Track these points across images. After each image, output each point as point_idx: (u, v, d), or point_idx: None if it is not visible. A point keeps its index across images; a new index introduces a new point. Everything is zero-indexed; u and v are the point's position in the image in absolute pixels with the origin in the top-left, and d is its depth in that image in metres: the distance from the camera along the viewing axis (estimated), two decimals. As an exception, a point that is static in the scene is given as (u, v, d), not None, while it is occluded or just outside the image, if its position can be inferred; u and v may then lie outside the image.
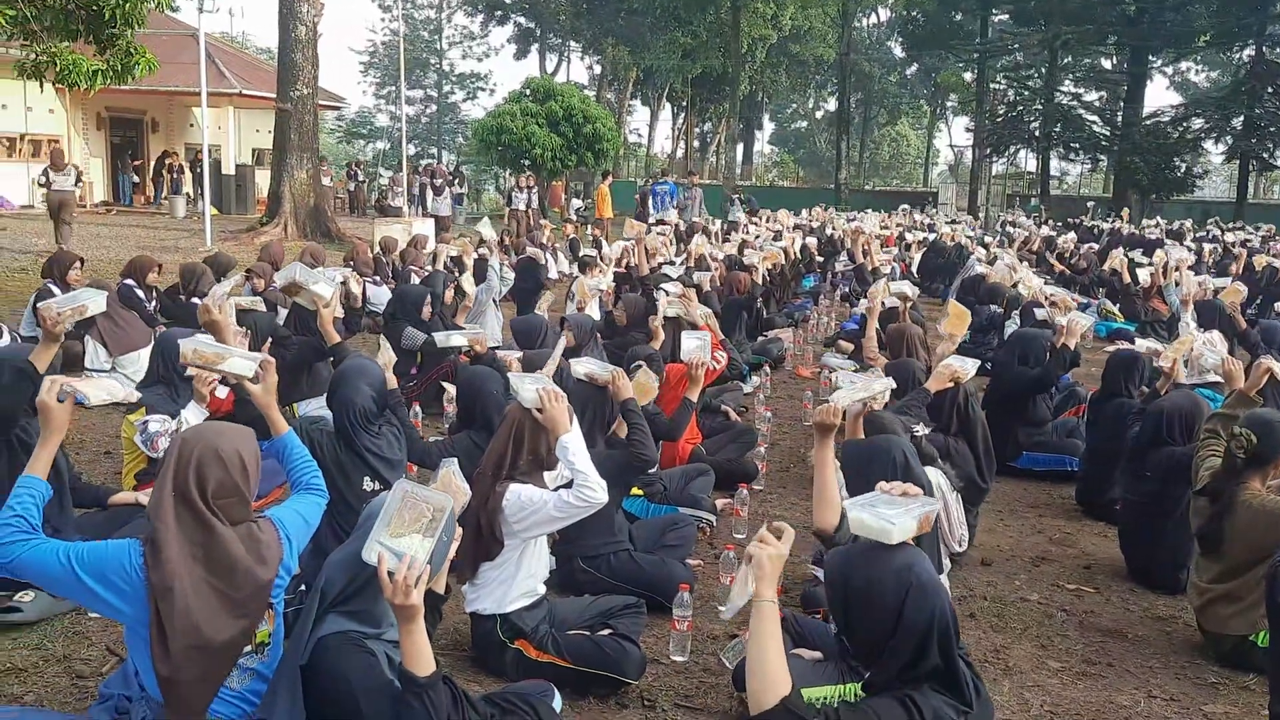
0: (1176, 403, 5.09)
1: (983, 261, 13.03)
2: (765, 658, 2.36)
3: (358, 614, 2.69)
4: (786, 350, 10.04)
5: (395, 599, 2.44)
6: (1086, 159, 37.38)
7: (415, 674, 2.51)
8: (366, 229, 19.12)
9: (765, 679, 2.34)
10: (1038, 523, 5.97)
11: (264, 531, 2.88)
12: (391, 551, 2.46)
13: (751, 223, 17.78)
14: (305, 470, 3.35)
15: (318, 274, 5.91)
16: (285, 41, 18.76)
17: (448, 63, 61.47)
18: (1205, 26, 32.51)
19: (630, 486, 5.08)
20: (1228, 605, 4.14)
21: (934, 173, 60.18)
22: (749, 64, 40.66)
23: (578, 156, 28.91)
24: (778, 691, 2.31)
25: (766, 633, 2.39)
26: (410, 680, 2.51)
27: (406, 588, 2.43)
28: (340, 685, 2.58)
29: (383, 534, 2.50)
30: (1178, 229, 19.60)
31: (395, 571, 2.44)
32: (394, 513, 2.53)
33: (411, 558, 2.45)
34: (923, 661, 2.31)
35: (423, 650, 2.52)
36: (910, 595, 2.29)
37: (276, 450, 3.42)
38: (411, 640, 2.51)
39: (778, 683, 2.33)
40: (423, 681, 2.51)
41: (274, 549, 2.88)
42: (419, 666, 2.51)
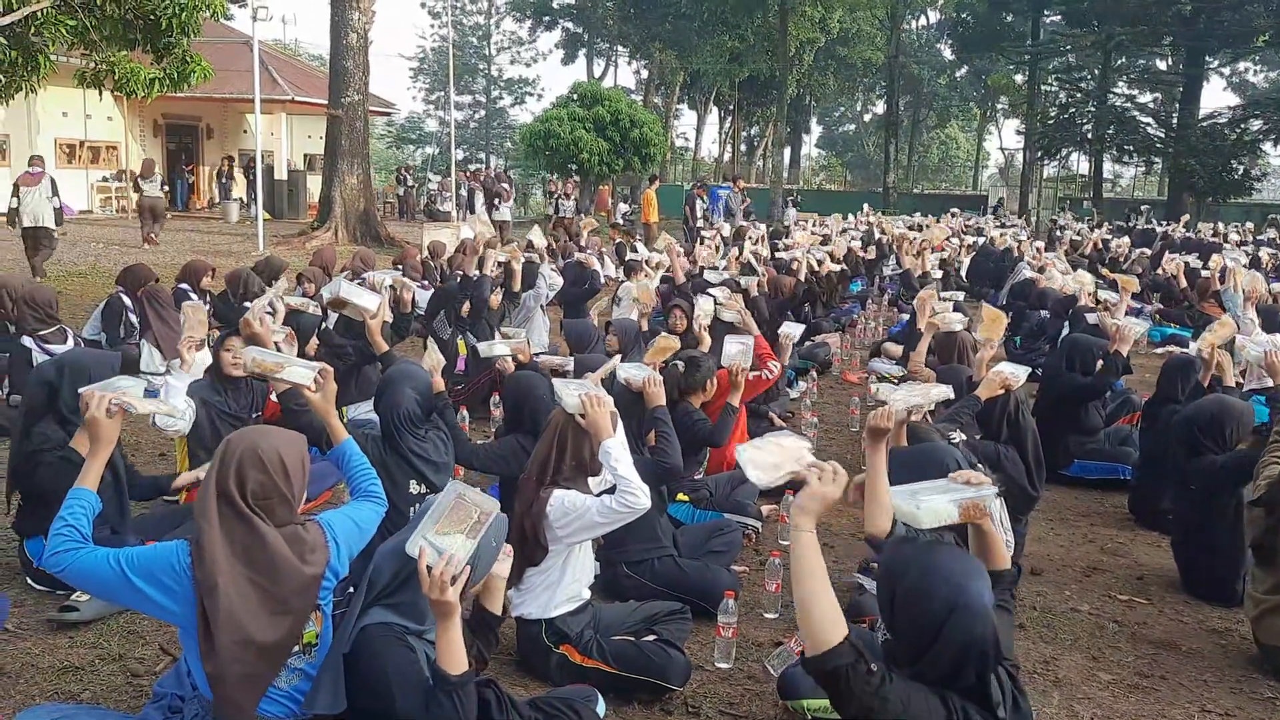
0: (1202, 408, 5.01)
1: (1032, 266, 12.84)
2: (814, 592, 2.23)
3: (402, 607, 2.75)
4: (833, 355, 9.98)
5: (431, 594, 2.51)
6: (1140, 162, 36.73)
7: (448, 672, 2.56)
8: (415, 234, 19.30)
9: (818, 616, 2.21)
10: (1089, 532, 5.88)
11: (309, 533, 2.91)
12: (434, 547, 2.53)
13: (799, 226, 17.68)
14: (364, 478, 3.38)
15: (362, 288, 5.97)
16: (336, 48, 19.02)
17: (496, 68, 61.90)
18: (1264, 26, 31.75)
19: (674, 493, 5.08)
20: (1277, 615, 4.05)
21: (984, 175, 59.50)
22: (796, 67, 40.46)
23: (625, 161, 28.96)
24: (838, 629, 2.18)
25: (807, 568, 2.27)
26: (443, 678, 2.56)
27: (442, 583, 2.49)
28: (378, 676, 2.64)
29: (429, 530, 2.56)
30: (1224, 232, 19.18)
31: (434, 566, 2.50)
32: (445, 512, 2.59)
33: (451, 555, 2.51)
34: (959, 679, 2.27)
35: (457, 649, 2.57)
36: (955, 616, 2.22)
37: (336, 457, 3.46)
38: (447, 638, 2.56)
39: (835, 621, 2.20)
40: (454, 680, 2.56)
41: (320, 551, 2.91)
42: (452, 665, 2.56)
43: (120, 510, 4.38)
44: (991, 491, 2.42)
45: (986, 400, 5.01)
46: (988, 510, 2.47)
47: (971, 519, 2.43)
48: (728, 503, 5.33)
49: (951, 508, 2.37)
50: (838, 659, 2.16)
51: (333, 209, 19.23)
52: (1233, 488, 4.68)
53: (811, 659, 2.21)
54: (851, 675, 2.15)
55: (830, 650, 2.17)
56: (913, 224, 18.85)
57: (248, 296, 7.95)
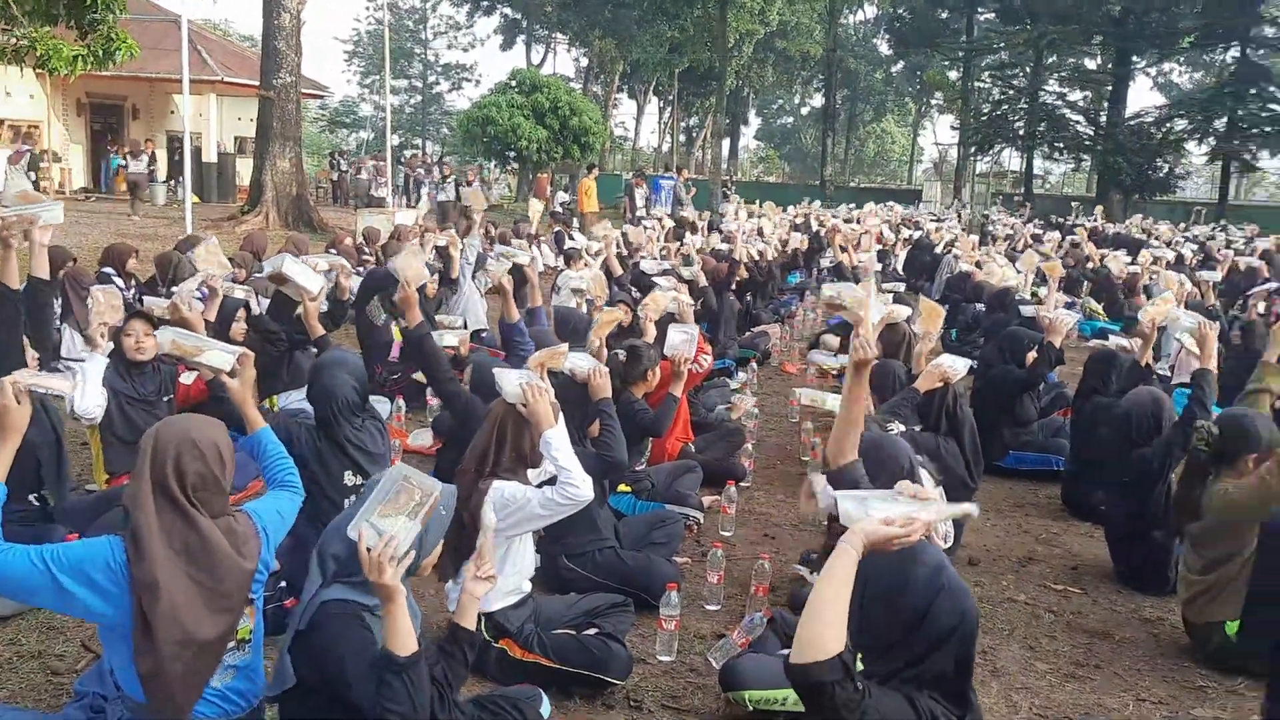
0: (1138, 401, 5.08)
1: (962, 259, 12.98)
2: (835, 598, 2.17)
3: (363, 585, 2.66)
4: (773, 346, 9.99)
5: (370, 575, 2.48)
6: (1070, 158, 37.46)
7: (395, 654, 2.52)
8: (349, 219, 18.97)
9: (827, 623, 2.14)
10: (1024, 522, 5.95)
11: (241, 524, 2.82)
12: (375, 530, 2.51)
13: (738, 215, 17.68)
14: (280, 467, 3.27)
15: (306, 267, 5.81)
16: (269, 29, 18.60)
17: (433, 53, 61.14)
18: (1190, 28, 32.53)
19: (616, 484, 5.02)
20: (1212, 594, 4.14)
21: (918, 170, 60.27)
22: (735, 59, 40.49)
23: (564, 149, 28.78)
24: (838, 643, 2.14)
25: (841, 576, 2.20)
26: (390, 660, 2.52)
27: (380, 565, 2.46)
28: (333, 655, 2.59)
29: (372, 513, 2.54)
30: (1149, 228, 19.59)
31: (372, 548, 2.48)
32: (388, 495, 2.57)
33: (391, 537, 2.49)
34: (930, 663, 2.25)
35: (403, 631, 2.54)
36: (940, 598, 2.23)
37: (250, 446, 3.34)
38: (391, 619, 2.54)
39: (838, 635, 2.15)
40: (402, 661, 2.52)
41: (252, 542, 2.83)
42: (399, 646, 2.53)
43: (59, 475, 4.22)
44: (937, 508, 2.41)
45: (926, 392, 5.03)
46: (933, 531, 2.47)
47: (920, 535, 2.42)
48: (669, 493, 5.30)
49: None
50: (827, 674, 2.12)
51: (264, 193, 18.81)
52: (1163, 475, 4.77)
53: (799, 666, 2.14)
54: (836, 692, 2.12)
55: (822, 662, 2.12)
56: (848, 216, 18.96)
57: (177, 281, 7.71)
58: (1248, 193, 43.51)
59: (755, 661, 3.57)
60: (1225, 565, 4.03)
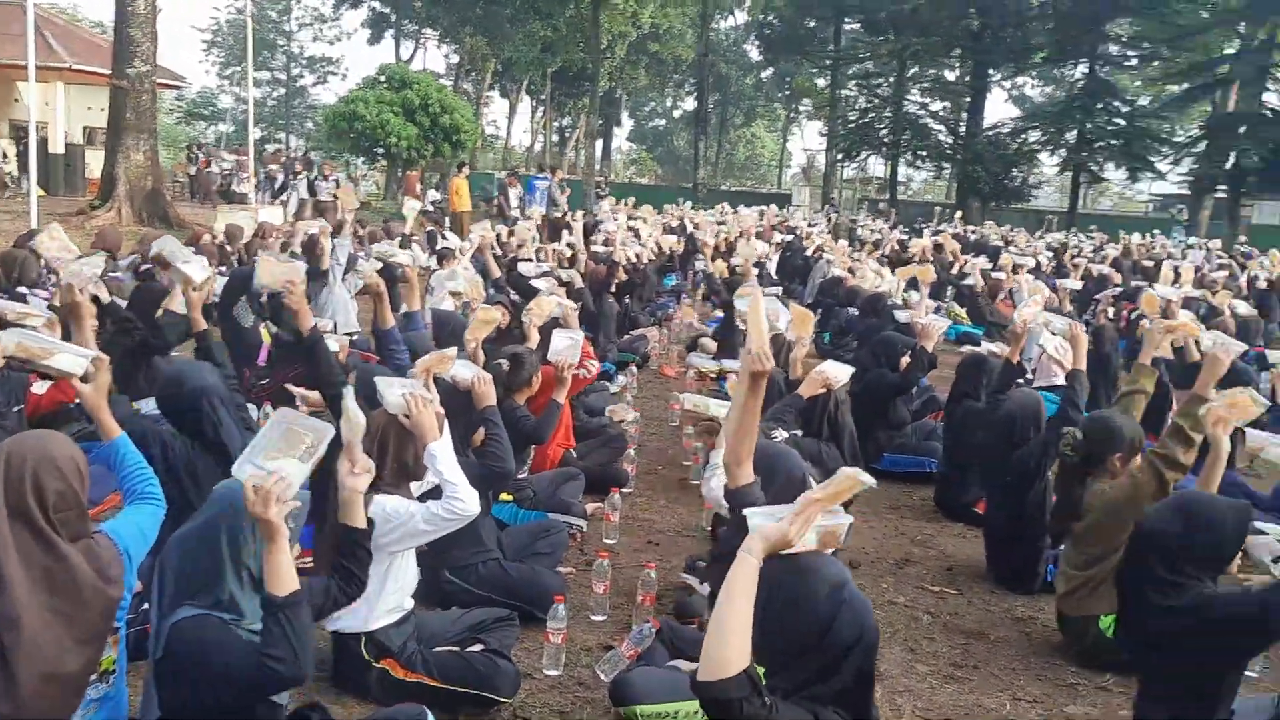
0: (1021, 403, 5.23)
1: (834, 264, 13.24)
2: (739, 614, 2.16)
3: (213, 604, 2.57)
4: (651, 349, 9.99)
5: (254, 510, 2.45)
6: (932, 166, 38.85)
7: (274, 593, 2.46)
8: (209, 216, 18.22)
9: (733, 641, 2.13)
10: (900, 524, 6.06)
11: (102, 547, 2.62)
12: (264, 471, 2.48)
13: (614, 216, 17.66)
14: (140, 478, 3.06)
15: (191, 253, 5.52)
16: (122, 15, 17.68)
17: (297, 45, 59.43)
18: (1042, 44, 34.19)
19: (495, 494, 4.90)
20: (1089, 589, 4.26)
21: (787, 175, 61.52)
22: (608, 60, 40.60)
23: (434, 147, 28.28)
24: (743, 659, 2.12)
25: (742, 589, 2.19)
26: (268, 601, 2.46)
27: (266, 497, 2.44)
28: (199, 660, 2.49)
29: (258, 456, 2.51)
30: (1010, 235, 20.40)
31: (261, 484, 2.44)
32: (274, 440, 2.55)
33: (280, 473, 2.47)
34: (833, 678, 2.24)
35: (284, 571, 2.49)
36: (842, 612, 2.23)
37: (107, 457, 3.12)
38: (271, 559, 2.48)
39: (744, 650, 2.13)
40: (280, 600, 2.46)
41: (115, 566, 2.63)
42: (278, 586, 2.47)
43: None
44: (846, 520, 2.42)
45: (808, 398, 5.08)
46: (841, 539, 2.47)
47: (827, 546, 2.41)
48: (552, 502, 5.20)
49: (811, 534, 2.35)
50: (734, 690, 2.09)
51: (116, 187, 17.87)
52: (1040, 473, 4.92)
53: (705, 684, 2.12)
54: (744, 708, 2.09)
55: (729, 679, 2.10)
56: (721, 218, 19.15)
57: (24, 280, 7.23)
58: (1094, 202, 45.81)
59: (646, 675, 3.52)
60: (1103, 562, 4.17)
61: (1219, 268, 15.38)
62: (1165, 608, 3.09)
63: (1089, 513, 4.23)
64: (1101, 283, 13.06)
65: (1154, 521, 3.21)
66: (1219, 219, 31.48)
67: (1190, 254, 17.05)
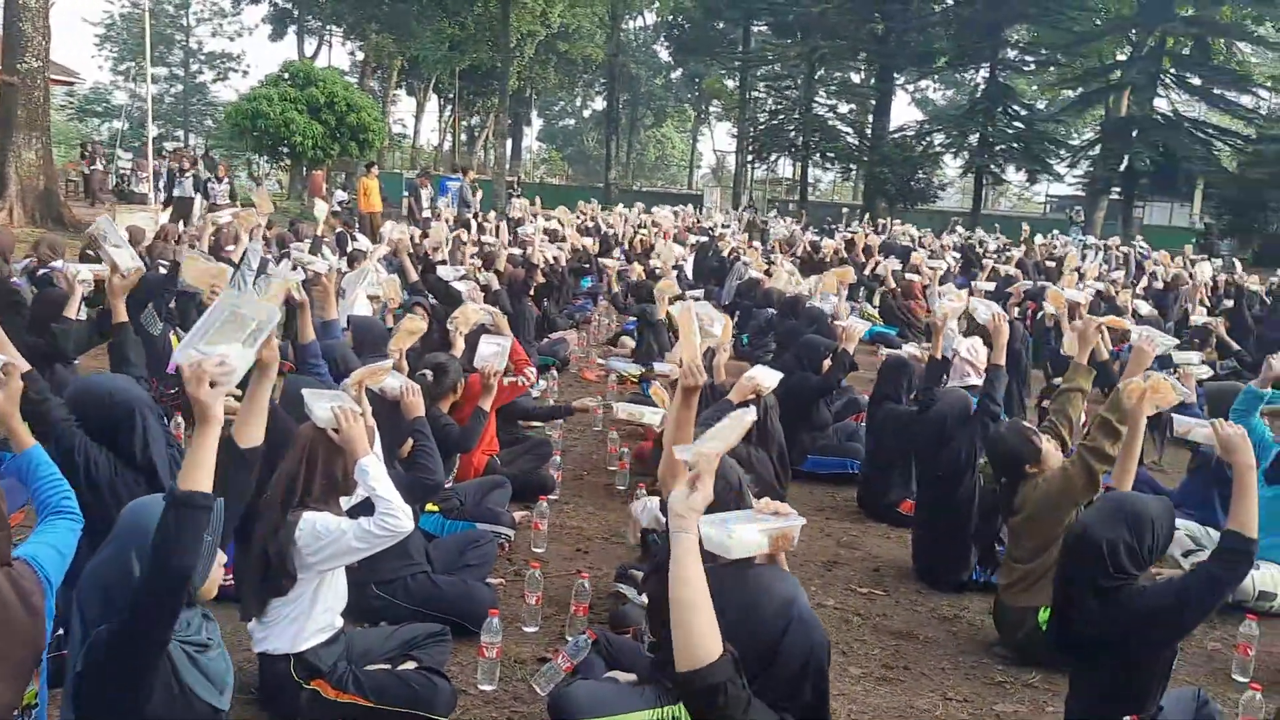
0: (952, 402, 5.32)
1: (750, 265, 13.33)
2: (695, 602, 2.09)
3: None
4: (571, 353, 9.92)
5: (189, 388, 2.37)
6: (840, 168, 39.47)
7: (180, 487, 2.33)
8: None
9: (700, 628, 2.07)
10: (825, 526, 6.10)
11: (25, 577, 2.44)
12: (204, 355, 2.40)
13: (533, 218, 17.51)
14: (56, 490, 2.88)
15: (122, 237, 5.30)
16: (12, 8, 16.98)
17: (195, 40, 57.72)
18: (944, 49, 35.05)
19: (424, 506, 4.79)
20: (1028, 582, 4.34)
21: (697, 175, 61.92)
22: (517, 59, 40.33)
23: (341, 146, 27.74)
24: (717, 642, 2.07)
25: (689, 574, 2.10)
26: (169, 493, 2.35)
27: (199, 376, 2.36)
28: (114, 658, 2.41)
29: (200, 341, 2.43)
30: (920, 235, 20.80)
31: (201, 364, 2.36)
32: (215, 324, 2.48)
33: (222, 356, 2.39)
34: (797, 696, 2.22)
35: (202, 465, 2.36)
36: (791, 629, 2.21)
37: (18, 469, 2.94)
38: (194, 448, 2.36)
39: (714, 633, 2.07)
40: (181, 496, 2.32)
41: (37, 595, 2.46)
42: (193, 481, 2.33)
43: None
44: (799, 522, 2.40)
45: (739, 404, 5.07)
46: (794, 540, 2.45)
47: (779, 549, 2.39)
48: (480, 511, 5.11)
49: (762, 538, 2.33)
50: (719, 674, 2.05)
51: (7, 187, 17.16)
52: (970, 467, 5.00)
53: (690, 674, 2.06)
54: (730, 690, 2.04)
55: (713, 664, 2.05)
56: (640, 221, 19.15)
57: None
58: (994, 203, 47.08)
59: (586, 689, 3.46)
60: (1042, 555, 4.26)
61: (1118, 267, 15.91)
62: (1101, 606, 3.16)
63: (1024, 507, 4.33)
64: (1008, 282, 13.39)
65: (1095, 527, 3.27)
66: (1112, 220, 32.66)
67: (1089, 254, 17.58)
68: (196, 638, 2.68)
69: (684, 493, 2.19)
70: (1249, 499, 3.21)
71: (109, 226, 5.23)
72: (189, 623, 2.64)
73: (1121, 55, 34.34)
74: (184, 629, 2.58)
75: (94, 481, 3.14)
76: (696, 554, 2.15)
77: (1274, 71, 37.03)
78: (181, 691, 2.57)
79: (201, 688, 2.64)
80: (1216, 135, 33.58)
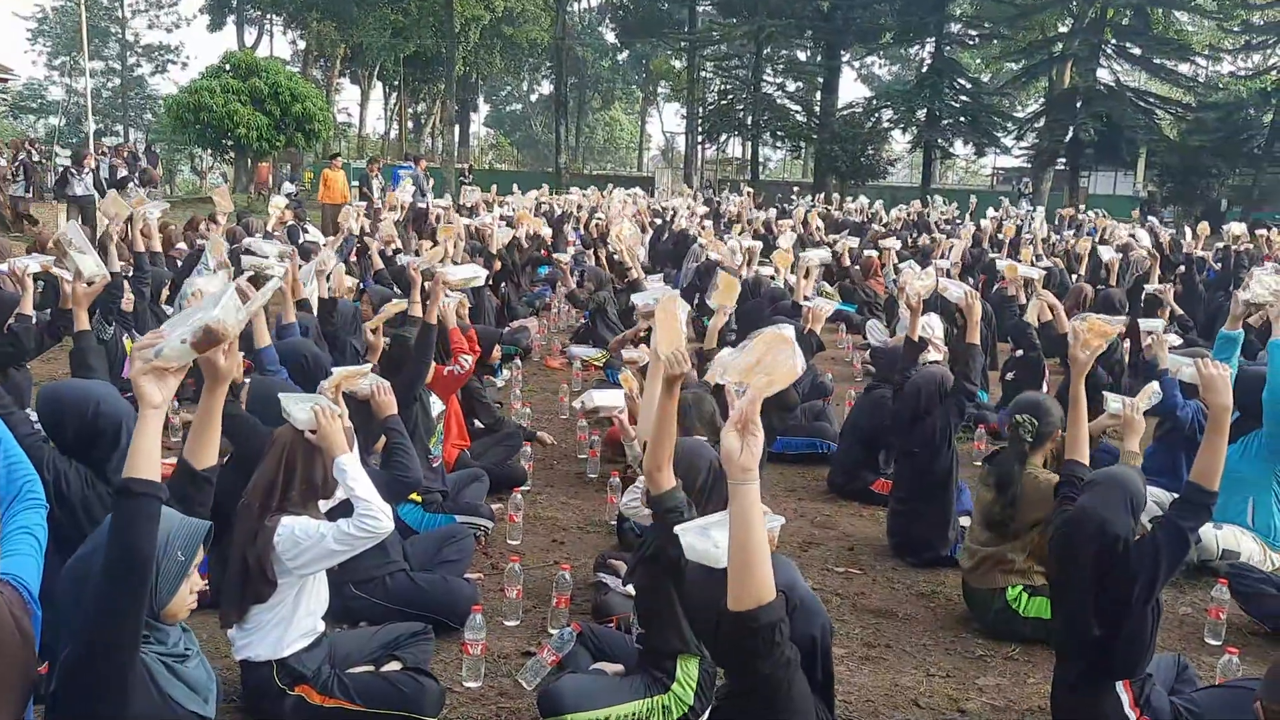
0: (927, 377, 5.36)
1: (706, 247, 13.30)
2: (761, 543, 2.10)
3: None
4: (533, 341, 9.86)
5: (131, 372, 2.30)
6: (790, 146, 39.56)
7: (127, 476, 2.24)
8: (46, 215, 17.17)
9: (762, 569, 2.09)
10: (799, 507, 6.12)
11: (13, 602, 2.31)
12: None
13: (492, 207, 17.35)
14: (20, 472, 2.74)
15: (88, 243, 5.17)
16: (-61, 2, 16.49)
17: (132, 32, 56.38)
18: (889, 25, 35.23)
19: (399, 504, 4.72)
20: (992, 564, 4.38)
21: (647, 157, 61.77)
22: (463, 44, 39.92)
23: (286, 137, 27.34)
24: (773, 584, 2.10)
25: (755, 518, 2.11)
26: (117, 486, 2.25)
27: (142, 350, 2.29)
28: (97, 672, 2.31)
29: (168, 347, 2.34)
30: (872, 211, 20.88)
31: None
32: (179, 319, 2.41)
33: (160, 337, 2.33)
34: (810, 677, 2.23)
35: (143, 452, 2.25)
36: (796, 615, 2.21)
37: None
38: (136, 437, 2.25)
39: (771, 576, 2.11)
40: (123, 485, 2.23)
41: (27, 619, 2.35)
42: (132, 468, 2.24)
43: None
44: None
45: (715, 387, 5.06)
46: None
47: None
48: (459, 505, 5.05)
49: None
50: (775, 613, 2.09)
51: (-59, 187, 16.73)
52: (947, 440, 5.03)
53: (750, 613, 2.08)
54: (781, 630, 2.09)
55: (771, 603, 2.09)
56: (597, 203, 19.04)
57: None
58: (942, 176, 47.48)
59: (575, 682, 3.45)
60: (1013, 540, 4.31)
61: (1073, 234, 16.10)
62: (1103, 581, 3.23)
63: (1018, 488, 4.29)
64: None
65: (1103, 511, 3.30)
66: (1059, 190, 33.10)
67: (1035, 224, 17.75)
68: (175, 649, 2.62)
69: (737, 445, 2.13)
70: (1220, 441, 3.28)
71: (75, 232, 5.12)
72: (166, 635, 2.58)
73: (1063, 27, 34.68)
74: (161, 642, 2.53)
75: (64, 498, 3.03)
76: (759, 503, 2.15)
77: (1211, 40, 37.64)
78: (164, 701, 2.51)
79: (184, 696, 2.58)
80: (1158, 104, 34.12)
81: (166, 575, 2.45)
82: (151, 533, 2.27)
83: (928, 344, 6.09)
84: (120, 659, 2.33)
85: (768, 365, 2.25)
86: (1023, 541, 4.30)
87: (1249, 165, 31.85)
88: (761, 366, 2.25)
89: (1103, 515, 3.30)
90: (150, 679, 2.47)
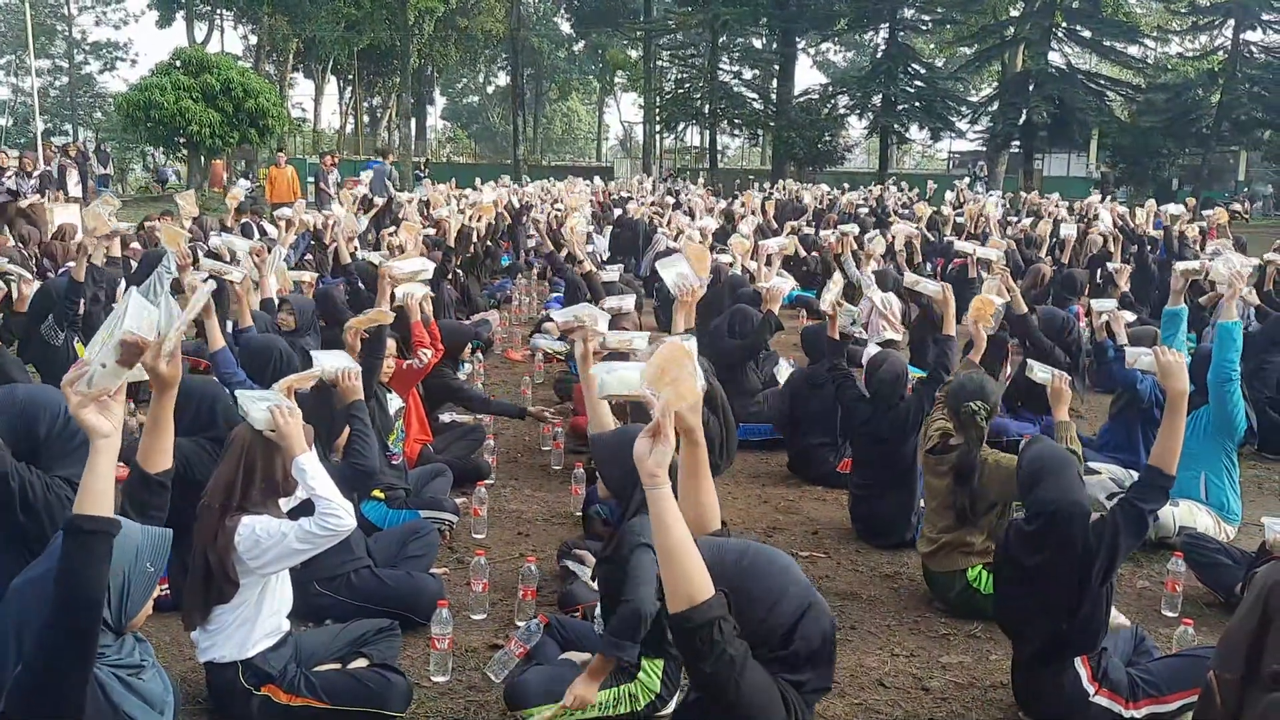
0: (894, 366, 5.40)
1: (667, 237, 13.31)
2: (683, 540, 2.09)
3: None
4: (494, 333, 9.83)
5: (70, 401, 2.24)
6: (748, 134, 39.65)
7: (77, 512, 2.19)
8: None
9: (691, 566, 2.07)
10: (762, 492, 6.16)
11: None
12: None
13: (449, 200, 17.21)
14: None
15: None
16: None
17: (79, 30, 55.41)
18: (843, 11, 35.39)
19: (365, 493, 4.70)
20: (951, 548, 4.44)
21: (605, 147, 61.66)
22: (418, 37, 39.58)
23: (240, 133, 26.98)
24: (709, 581, 2.07)
25: (673, 516, 2.11)
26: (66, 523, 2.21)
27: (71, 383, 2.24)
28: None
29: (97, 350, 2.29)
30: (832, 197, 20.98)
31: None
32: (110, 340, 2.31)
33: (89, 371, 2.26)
34: (819, 666, 2.24)
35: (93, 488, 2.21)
36: (809, 613, 2.21)
37: None
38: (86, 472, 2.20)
39: (705, 572, 2.08)
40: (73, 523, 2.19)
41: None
42: (82, 504, 2.20)
43: None
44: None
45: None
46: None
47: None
48: (422, 499, 5.04)
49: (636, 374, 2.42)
50: (714, 610, 2.06)
51: (-115, 193, 16.34)
52: (917, 427, 5.08)
53: (683, 614, 2.06)
54: (724, 628, 2.06)
55: (705, 603, 2.06)
56: (556, 197, 18.97)
57: None
58: (899, 161, 47.80)
59: (540, 674, 3.46)
60: (968, 525, 4.37)
61: (1029, 215, 16.27)
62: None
63: (979, 471, 4.35)
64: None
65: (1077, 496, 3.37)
66: (1013, 173, 33.45)
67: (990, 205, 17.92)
68: (129, 660, 2.60)
69: (647, 447, 2.15)
70: (1179, 424, 3.37)
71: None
72: (121, 645, 2.56)
73: (1015, 11, 35.04)
74: (114, 653, 2.51)
75: (30, 505, 2.97)
76: (674, 504, 2.15)
77: (1159, 21, 38.18)
78: (116, 716, 2.49)
79: (138, 710, 2.56)
80: (1109, 86, 34.60)
81: (137, 589, 2.43)
82: (101, 575, 2.22)
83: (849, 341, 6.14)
84: (73, 680, 2.31)
85: (674, 377, 2.25)
86: (981, 524, 4.36)
87: (1198, 145, 32.40)
88: (668, 377, 2.25)
89: (1080, 502, 3.35)
90: (103, 694, 2.45)
